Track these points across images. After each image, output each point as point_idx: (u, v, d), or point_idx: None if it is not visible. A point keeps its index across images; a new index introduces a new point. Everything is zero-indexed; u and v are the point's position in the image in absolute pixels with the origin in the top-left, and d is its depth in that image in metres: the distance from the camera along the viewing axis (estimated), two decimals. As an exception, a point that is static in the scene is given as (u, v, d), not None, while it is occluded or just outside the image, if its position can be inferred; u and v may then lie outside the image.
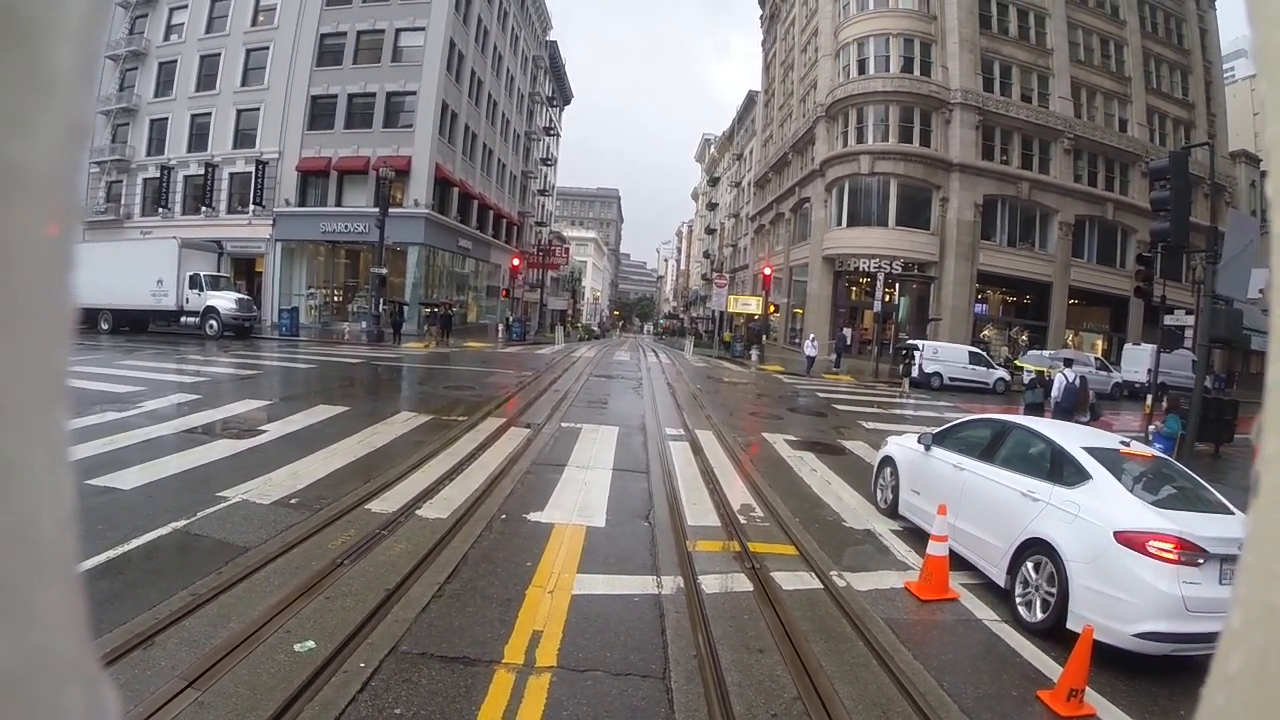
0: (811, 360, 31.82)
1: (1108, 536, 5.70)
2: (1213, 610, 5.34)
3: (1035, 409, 15.18)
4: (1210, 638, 5.17)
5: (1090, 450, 6.65)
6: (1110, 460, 6.53)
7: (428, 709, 4.11)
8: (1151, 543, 5.48)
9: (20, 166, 0.31)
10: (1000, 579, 6.68)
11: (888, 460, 9.47)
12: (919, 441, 8.78)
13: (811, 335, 33.98)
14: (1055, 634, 5.87)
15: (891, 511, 9.10)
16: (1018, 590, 6.41)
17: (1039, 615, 6.10)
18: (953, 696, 4.83)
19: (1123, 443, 7.17)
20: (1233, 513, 6.09)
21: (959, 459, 7.91)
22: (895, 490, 9.05)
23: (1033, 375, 15.54)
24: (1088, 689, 4.89)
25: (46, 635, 0.34)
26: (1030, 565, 6.32)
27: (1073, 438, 7.09)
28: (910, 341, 30.73)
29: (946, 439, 8.59)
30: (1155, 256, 18.20)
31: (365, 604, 5.29)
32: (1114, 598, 5.53)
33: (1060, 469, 6.65)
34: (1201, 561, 5.43)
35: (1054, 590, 5.97)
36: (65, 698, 0.34)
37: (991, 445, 7.78)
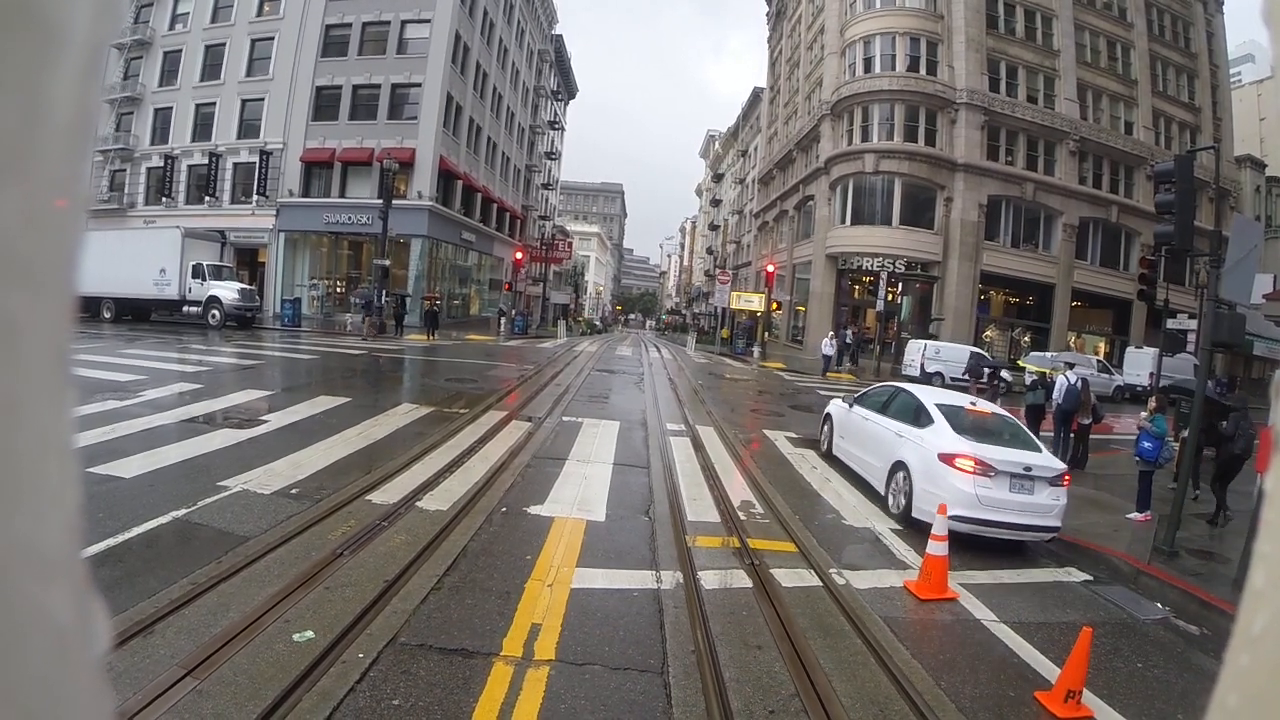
0: (828, 360, 30.72)
1: (934, 457, 8.65)
2: (999, 506, 8.25)
3: (1036, 410, 15.14)
4: (998, 525, 8.25)
5: (939, 405, 9.68)
6: (951, 412, 9.52)
7: (426, 700, 4.12)
8: (958, 460, 8.42)
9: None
10: (881, 488, 9.77)
11: (827, 417, 12.83)
12: (845, 402, 12.14)
13: (830, 333, 32.93)
14: (907, 520, 8.80)
15: (828, 454, 12.31)
16: (889, 494, 9.54)
17: (899, 509, 9.10)
18: (950, 696, 4.84)
19: (971, 403, 10.20)
20: (1040, 450, 9.03)
21: (866, 413, 11.06)
22: (831, 439, 12.32)
23: (1034, 377, 15.49)
24: (1085, 690, 4.90)
25: (34, 526, 0.32)
26: (897, 478, 9.34)
27: (932, 398, 10.11)
28: (989, 358, 28.74)
29: (862, 400, 11.70)
30: (1159, 260, 18.17)
31: (364, 595, 5.30)
32: (936, 494, 8.19)
33: (919, 417, 9.66)
34: (992, 474, 8.28)
35: (907, 492, 8.95)
36: (52, 596, 0.33)
37: (886, 403, 10.81)
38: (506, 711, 4.10)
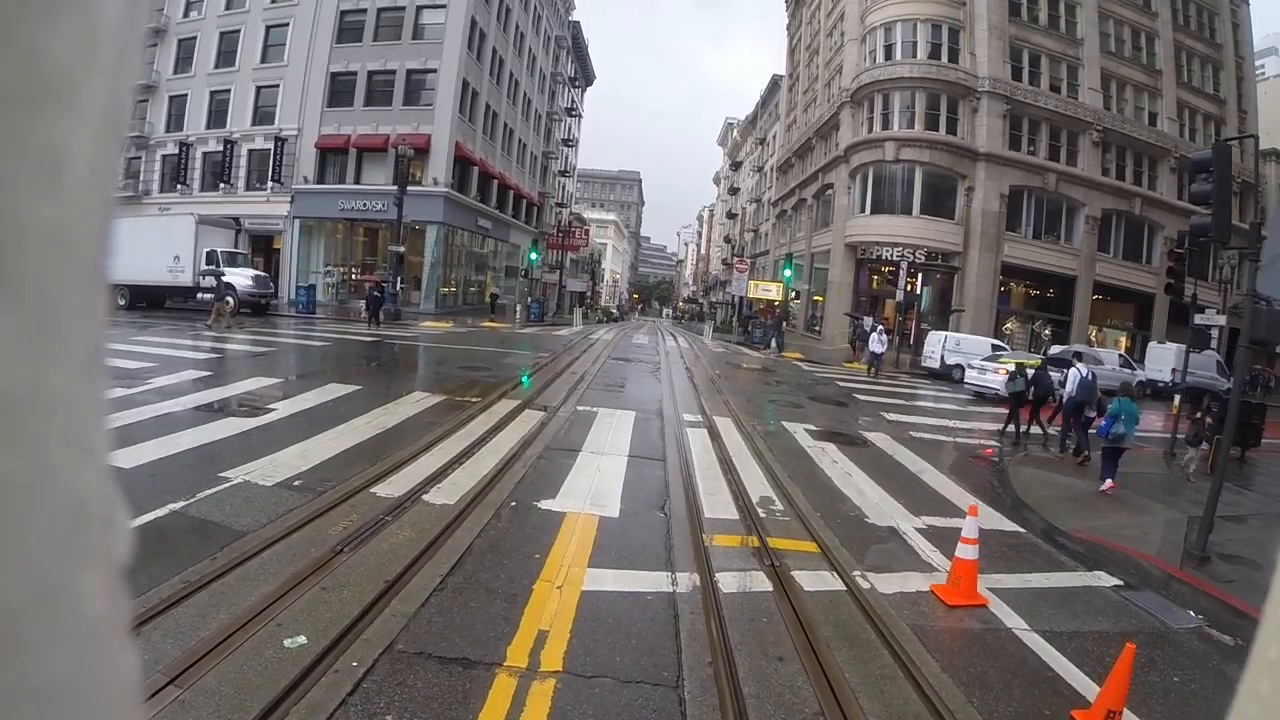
0: (877, 357, 27.49)
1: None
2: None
3: (1017, 398, 15.05)
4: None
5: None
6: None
7: (421, 715, 3.84)
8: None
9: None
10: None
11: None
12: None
13: (880, 327, 29.24)
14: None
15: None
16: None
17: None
18: (983, 714, 4.52)
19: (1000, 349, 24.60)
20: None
21: None
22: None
23: (1013, 368, 15.75)
24: (1125, 710, 4.57)
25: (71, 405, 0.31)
26: None
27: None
28: (1006, 347, 28.62)
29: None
30: (1189, 253, 17.72)
31: (363, 596, 5.03)
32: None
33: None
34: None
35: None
36: (81, 474, 0.31)
37: None
38: (509, 728, 3.84)
